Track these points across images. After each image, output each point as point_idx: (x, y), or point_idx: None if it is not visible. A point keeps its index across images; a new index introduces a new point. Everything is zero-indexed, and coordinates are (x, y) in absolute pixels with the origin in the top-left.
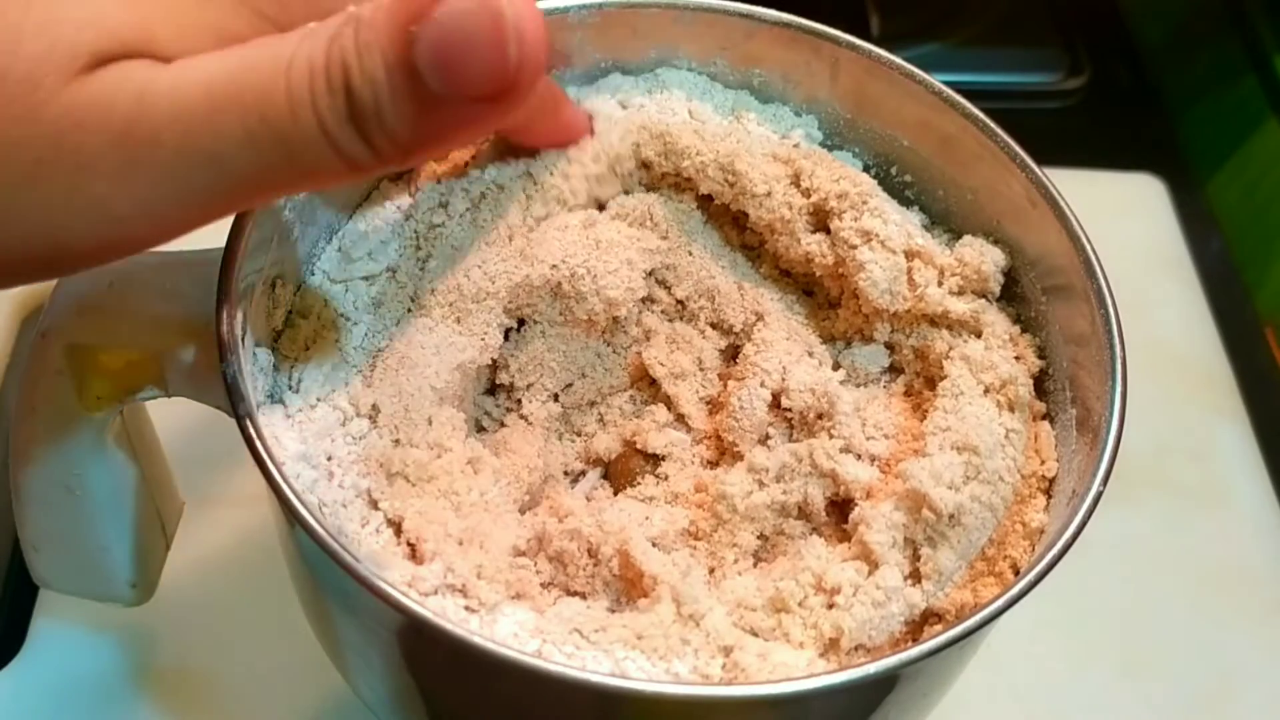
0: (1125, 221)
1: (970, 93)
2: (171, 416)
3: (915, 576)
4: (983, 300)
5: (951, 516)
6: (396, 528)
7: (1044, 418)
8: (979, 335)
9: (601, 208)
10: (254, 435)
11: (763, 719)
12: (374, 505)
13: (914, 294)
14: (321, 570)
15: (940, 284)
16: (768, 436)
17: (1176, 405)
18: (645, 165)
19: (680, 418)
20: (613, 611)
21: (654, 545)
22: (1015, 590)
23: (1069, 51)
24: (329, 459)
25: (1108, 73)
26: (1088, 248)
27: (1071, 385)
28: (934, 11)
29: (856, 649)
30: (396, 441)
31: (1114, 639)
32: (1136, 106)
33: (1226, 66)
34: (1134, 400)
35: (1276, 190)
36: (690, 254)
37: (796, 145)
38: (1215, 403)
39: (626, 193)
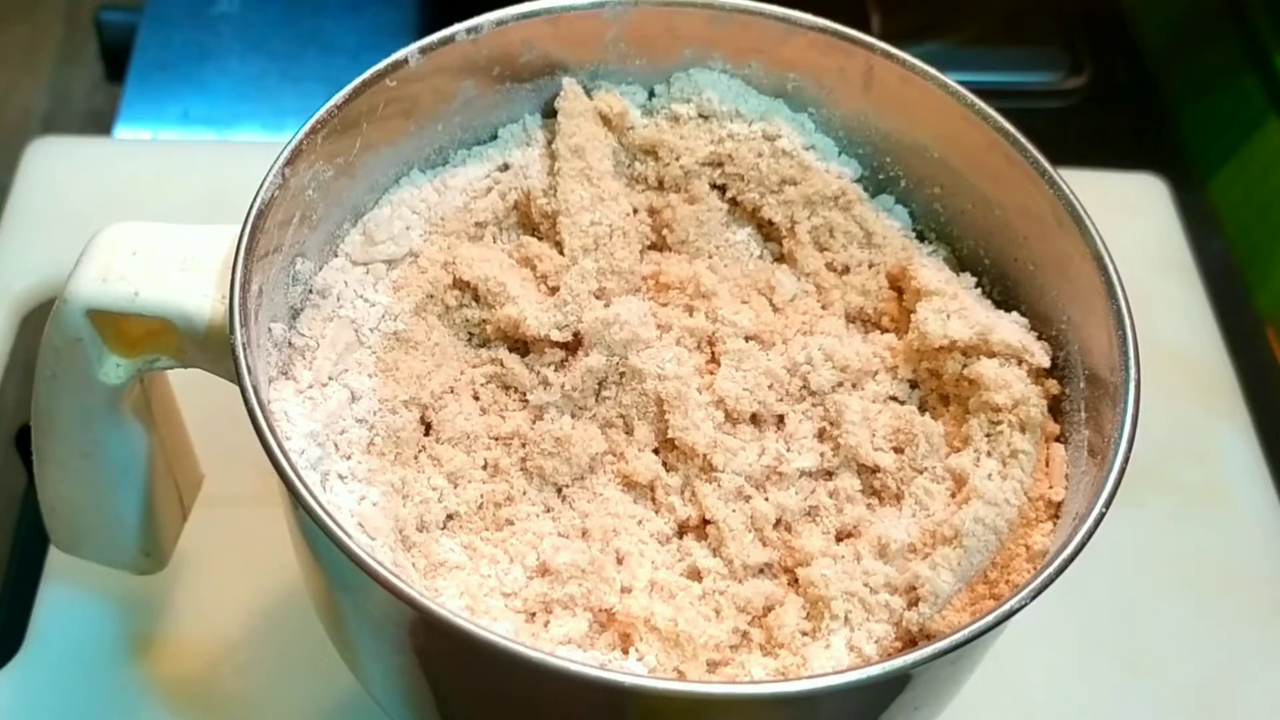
0: (1126, 221)
1: (971, 92)
2: (202, 392)
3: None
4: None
5: (953, 538)
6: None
7: (1058, 439)
8: (992, 355)
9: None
10: (256, 407)
11: (769, 718)
12: (377, 484)
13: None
14: (322, 551)
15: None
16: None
17: (1178, 405)
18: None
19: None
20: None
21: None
22: (1006, 607)
23: (1070, 51)
24: (339, 435)
25: (1108, 72)
26: (1110, 269)
27: (1086, 407)
28: (935, 10)
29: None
30: (406, 424)
31: (1115, 639)
32: (1137, 106)
33: (1227, 66)
34: None
35: (1278, 190)
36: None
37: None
38: (1217, 403)
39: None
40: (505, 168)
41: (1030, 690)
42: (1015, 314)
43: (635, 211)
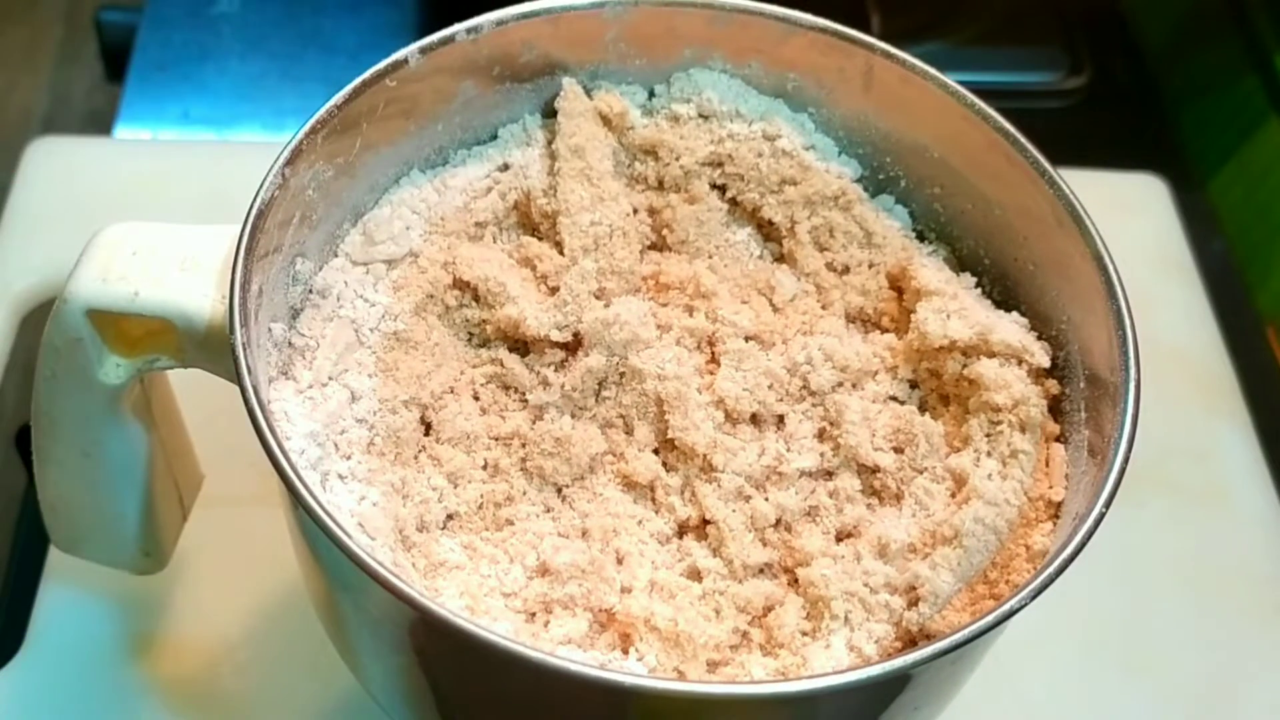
0: (1126, 221)
1: (971, 92)
2: (202, 392)
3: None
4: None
5: (953, 538)
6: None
7: (1058, 439)
8: (992, 355)
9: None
10: (256, 407)
11: (769, 718)
12: (377, 484)
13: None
14: (322, 551)
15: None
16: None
17: (1178, 406)
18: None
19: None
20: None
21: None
22: (1006, 607)
23: (1070, 51)
24: (339, 435)
25: (1108, 72)
26: (1110, 269)
27: (1086, 407)
28: (935, 10)
29: None
30: (406, 424)
31: (1116, 639)
32: (1137, 106)
33: (1227, 66)
34: None
35: (1278, 190)
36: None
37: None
38: (1217, 403)
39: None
40: (505, 168)
41: (1030, 690)
42: (1015, 314)
43: (635, 211)
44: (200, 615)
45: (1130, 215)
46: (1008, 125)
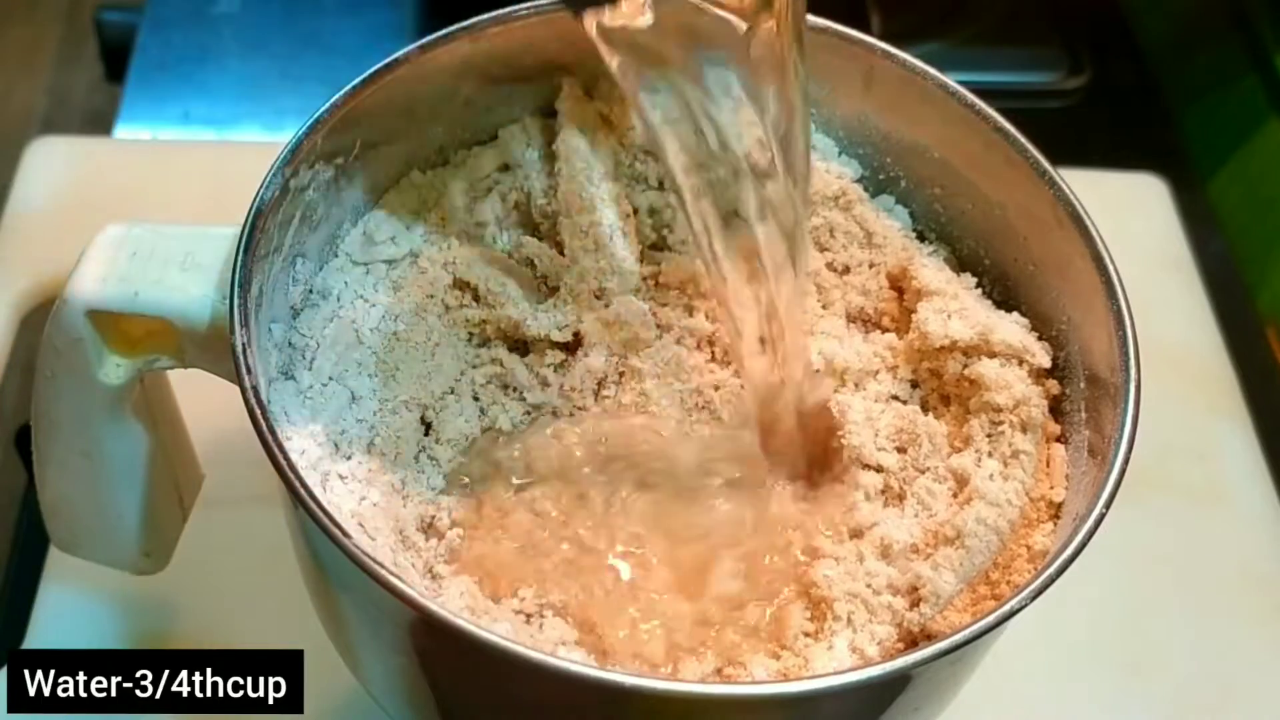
0: (1127, 221)
1: (971, 92)
2: (202, 392)
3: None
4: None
5: (955, 538)
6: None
7: (1059, 440)
8: (993, 355)
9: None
10: (256, 407)
11: (769, 718)
12: (377, 484)
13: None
14: (322, 551)
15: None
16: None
17: (1178, 406)
18: None
19: None
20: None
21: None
22: (1006, 608)
23: (1070, 51)
24: (339, 435)
25: (1109, 72)
26: (1110, 269)
27: (1087, 407)
28: (935, 10)
29: None
30: (406, 424)
31: (1115, 639)
32: (1138, 106)
33: (1228, 66)
34: None
35: (1278, 190)
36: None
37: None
38: (1217, 403)
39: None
40: (505, 168)
41: (1030, 690)
42: (1015, 314)
43: (635, 211)
44: (200, 615)
45: (1130, 215)
46: (1008, 125)
